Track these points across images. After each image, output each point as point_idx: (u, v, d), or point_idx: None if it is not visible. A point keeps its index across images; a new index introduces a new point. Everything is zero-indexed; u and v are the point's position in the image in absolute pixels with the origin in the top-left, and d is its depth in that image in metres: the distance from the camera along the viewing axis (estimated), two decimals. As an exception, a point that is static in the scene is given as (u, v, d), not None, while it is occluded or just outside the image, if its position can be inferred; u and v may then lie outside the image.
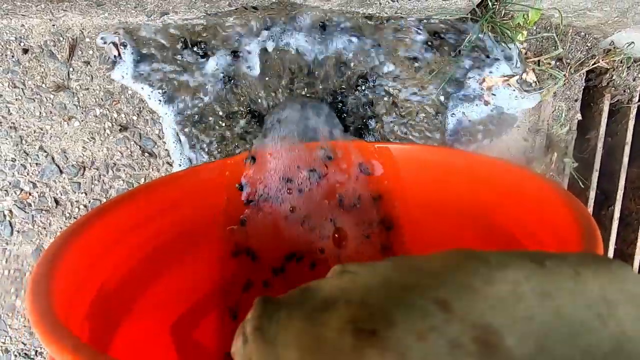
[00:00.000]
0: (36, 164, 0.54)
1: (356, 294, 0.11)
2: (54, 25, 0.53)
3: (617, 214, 0.68)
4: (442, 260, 0.12)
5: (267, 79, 0.56)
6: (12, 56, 0.53)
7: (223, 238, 0.43)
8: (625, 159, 0.68)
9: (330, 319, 0.11)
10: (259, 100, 0.56)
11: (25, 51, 0.53)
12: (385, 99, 0.59)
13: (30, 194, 0.54)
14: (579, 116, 0.64)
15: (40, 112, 0.54)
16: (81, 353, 0.18)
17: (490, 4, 0.56)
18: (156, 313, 0.37)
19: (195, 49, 0.53)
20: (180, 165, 0.55)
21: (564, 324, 0.10)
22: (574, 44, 0.62)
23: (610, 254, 0.71)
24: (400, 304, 0.11)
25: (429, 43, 0.59)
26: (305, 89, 0.57)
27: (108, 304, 0.32)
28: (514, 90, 0.59)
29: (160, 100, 0.54)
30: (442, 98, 0.60)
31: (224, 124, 0.55)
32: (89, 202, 0.55)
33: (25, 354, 0.54)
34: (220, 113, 0.55)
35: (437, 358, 0.10)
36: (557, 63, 0.61)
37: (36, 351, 0.55)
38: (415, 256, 0.13)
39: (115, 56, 0.52)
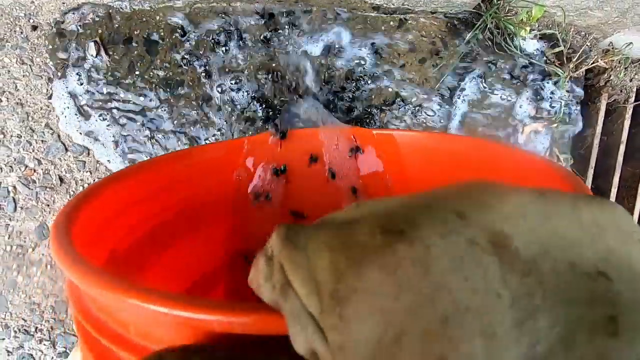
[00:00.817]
0: (42, 141, 0.54)
1: (380, 211, 0.13)
2: (63, 3, 0.53)
3: (610, 211, 0.70)
4: (457, 186, 0.14)
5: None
6: (21, 32, 0.53)
7: (231, 214, 0.43)
8: (620, 158, 0.69)
9: (358, 227, 0.12)
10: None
11: (35, 28, 0.53)
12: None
13: (34, 171, 0.54)
14: (577, 113, 0.66)
15: (47, 90, 0.54)
16: (103, 276, 0.18)
17: (495, -1, 0.57)
18: (163, 286, 0.38)
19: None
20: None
21: (561, 238, 0.12)
22: (575, 42, 0.64)
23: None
24: (423, 213, 0.12)
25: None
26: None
27: (117, 270, 0.33)
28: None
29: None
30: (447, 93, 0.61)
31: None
32: (93, 180, 0.55)
33: (26, 330, 0.55)
34: (227, 97, 0.56)
35: (457, 252, 0.11)
36: (559, 61, 0.62)
37: (36, 327, 0.55)
38: (430, 189, 0.14)
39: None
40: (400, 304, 0.10)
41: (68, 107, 0.54)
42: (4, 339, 0.54)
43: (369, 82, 0.59)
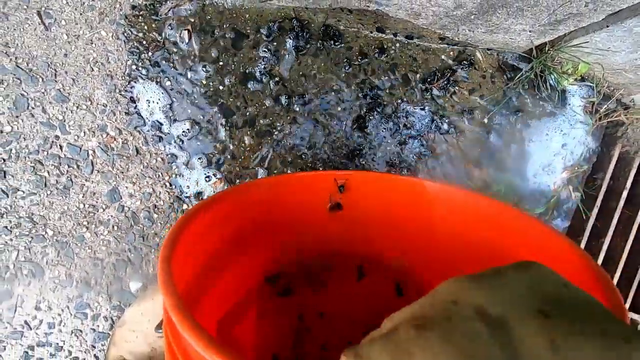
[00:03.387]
0: (125, 112, 0.58)
1: (407, 314, 0.18)
2: (163, -12, 0.57)
3: (604, 247, 0.80)
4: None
5: (344, 75, 0.62)
6: (121, 10, 0.57)
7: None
8: (622, 202, 0.79)
9: (397, 329, 0.17)
10: (334, 94, 0.62)
11: (134, 7, 0.57)
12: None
13: (114, 139, 0.59)
14: (594, 158, 0.74)
15: (136, 64, 0.58)
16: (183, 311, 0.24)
17: (546, 48, 0.64)
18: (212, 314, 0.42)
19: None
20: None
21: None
22: (604, 96, 0.72)
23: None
24: (439, 314, 0.17)
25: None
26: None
27: (197, 280, 0.37)
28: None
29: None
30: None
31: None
32: (167, 155, 0.60)
33: (87, 282, 0.60)
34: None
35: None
36: (590, 110, 0.70)
37: (96, 281, 0.60)
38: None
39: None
40: None
41: (152, 85, 0.58)
42: (66, 287, 0.59)
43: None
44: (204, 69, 0.59)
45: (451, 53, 0.66)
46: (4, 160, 0.56)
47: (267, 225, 0.47)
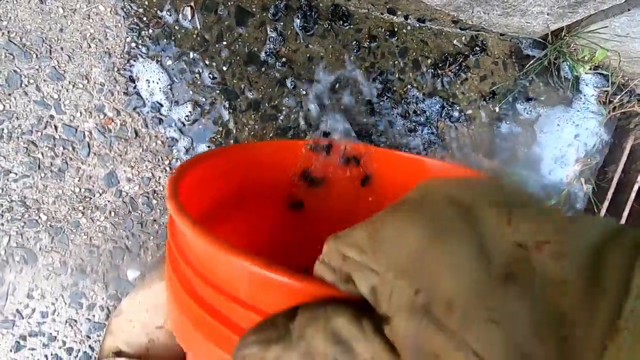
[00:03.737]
0: (124, 92, 0.56)
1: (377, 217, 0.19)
2: (165, -39, 0.54)
3: (614, 241, 0.78)
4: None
5: (353, 58, 0.59)
6: (120, -17, 0.54)
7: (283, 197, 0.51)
8: (632, 195, 0.77)
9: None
10: (343, 77, 0.60)
11: (134, -19, 0.54)
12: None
13: (112, 120, 0.56)
14: (606, 150, 0.72)
15: (136, 44, 0.55)
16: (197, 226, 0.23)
17: (562, 34, 0.62)
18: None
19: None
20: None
21: None
22: (619, 86, 0.70)
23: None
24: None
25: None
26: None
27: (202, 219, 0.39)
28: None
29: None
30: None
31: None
32: (167, 139, 0.58)
33: (82, 269, 0.57)
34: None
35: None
36: (603, 100, 0.68)
37: (92, 268, 0.58)
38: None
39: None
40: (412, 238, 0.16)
41: (153, 64, 0.56)
42: (60, 275, 0.57)
43: (435, 89, 0.63)
44: (207, 48, 0.57)
45: (463, 38, 0.64)
46: (-5, 140, 0.53)
47: (265, 186, 0.49)
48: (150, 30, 0.55)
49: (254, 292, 0.21)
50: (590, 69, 0.66)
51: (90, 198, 0.57)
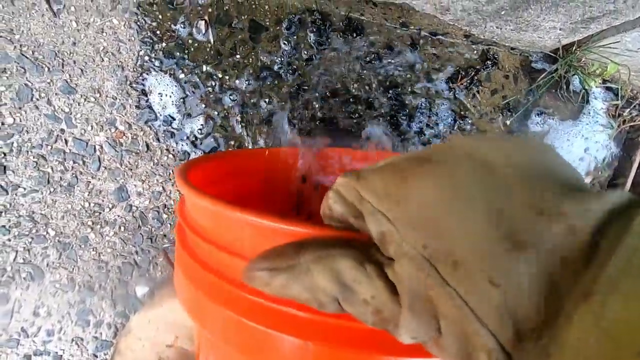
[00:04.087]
0: (136, 106, 0.55)
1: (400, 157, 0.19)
2: (179, -24, 0.54)
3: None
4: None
5: (366, 72, 0.59)
6: (134, -3, 0.54)
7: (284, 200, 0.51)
8: None
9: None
10: (356, 91, 0.59)
11: (148, -5, 0.54)
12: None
13: (124, 134, 0.55)
14: (616, 163, 0.72)
15: (149, 58, 0.55)
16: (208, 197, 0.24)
17: (573, 48, 0.62)
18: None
19: (311, 30, 0.56)
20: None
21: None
22: (628, 99, 0.70)
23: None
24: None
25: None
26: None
27: None
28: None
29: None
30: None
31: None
32: (178, 152, 0.57)
33: (90, 286, 0.56)
34: (319, 95, 0.58)
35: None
36: (613, 114, 0.68)
37: (100, 285, 0.56)
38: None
39: (236, 20, 0.54)
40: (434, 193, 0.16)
41: (165, 77, 0.55)
42: (67, 291, 0.55)
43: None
44: (221, 61, 0.56)
45: (475, 52, 0.64)
46: (5, 154, 0.52)
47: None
48: (164, 44, 0.55)
49: (262, 248, 0.22)
50: (600, 82, 0.66)
51: (100, 213, 0.55)
